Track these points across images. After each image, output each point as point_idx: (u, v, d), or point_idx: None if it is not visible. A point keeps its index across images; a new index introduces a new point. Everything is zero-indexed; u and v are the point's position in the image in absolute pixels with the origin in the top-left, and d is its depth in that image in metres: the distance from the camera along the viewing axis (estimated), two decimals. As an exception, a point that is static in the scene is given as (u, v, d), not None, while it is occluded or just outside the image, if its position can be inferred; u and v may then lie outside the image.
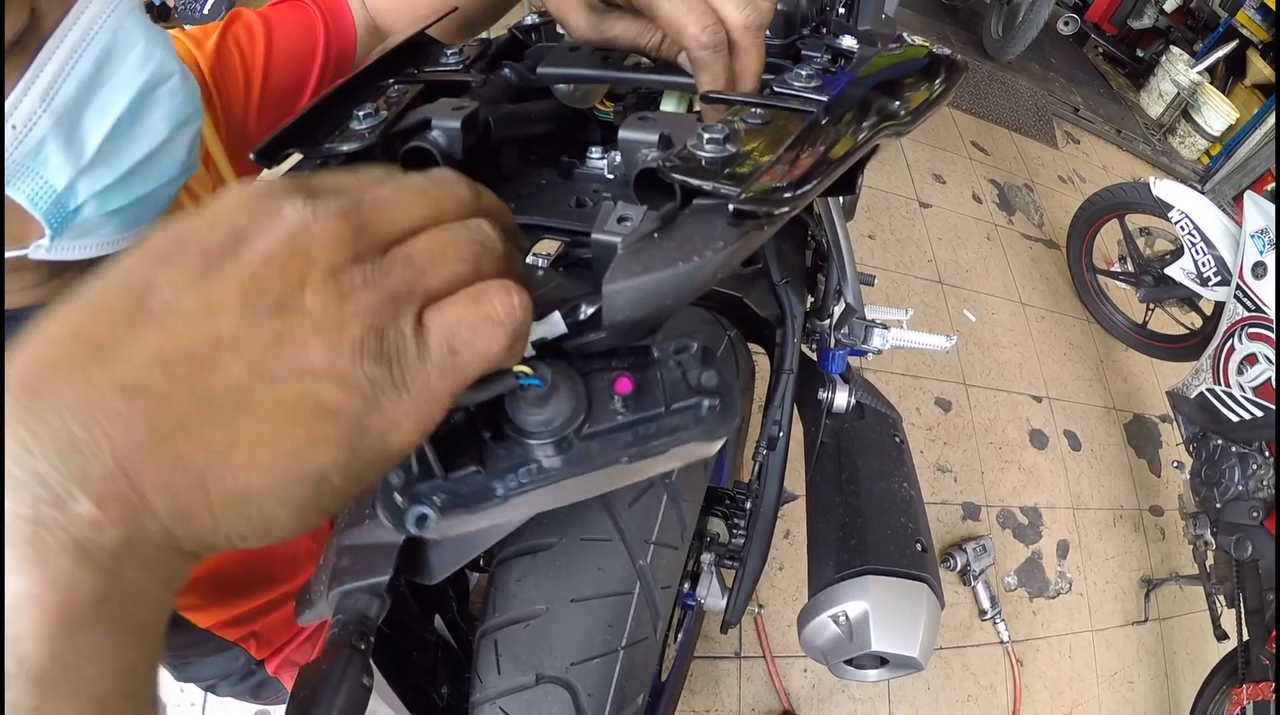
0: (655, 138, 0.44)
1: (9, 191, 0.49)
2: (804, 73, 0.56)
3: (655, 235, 0.37)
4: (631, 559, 0.71)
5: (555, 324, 0.37)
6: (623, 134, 0.46)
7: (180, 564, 0.28)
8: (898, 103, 0.53)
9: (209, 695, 1.56)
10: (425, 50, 0.67)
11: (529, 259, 0.51)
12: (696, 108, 0.65)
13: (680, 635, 1.42)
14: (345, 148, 0.48)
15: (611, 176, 0.56)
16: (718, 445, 0.41)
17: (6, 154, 0.48)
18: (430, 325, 0.31)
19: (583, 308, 0.38)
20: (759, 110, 0.48)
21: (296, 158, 0.50)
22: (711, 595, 1.13)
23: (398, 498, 0.38)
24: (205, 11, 3.08)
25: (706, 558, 1.13)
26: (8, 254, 0.52)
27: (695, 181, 0.39)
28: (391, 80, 0.59)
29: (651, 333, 0.39)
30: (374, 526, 0.58)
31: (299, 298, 0.28)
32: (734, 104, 0.51)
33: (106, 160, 0.54)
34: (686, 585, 1.13)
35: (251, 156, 0.48)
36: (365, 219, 0.30)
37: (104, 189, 0.54)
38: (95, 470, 0.25)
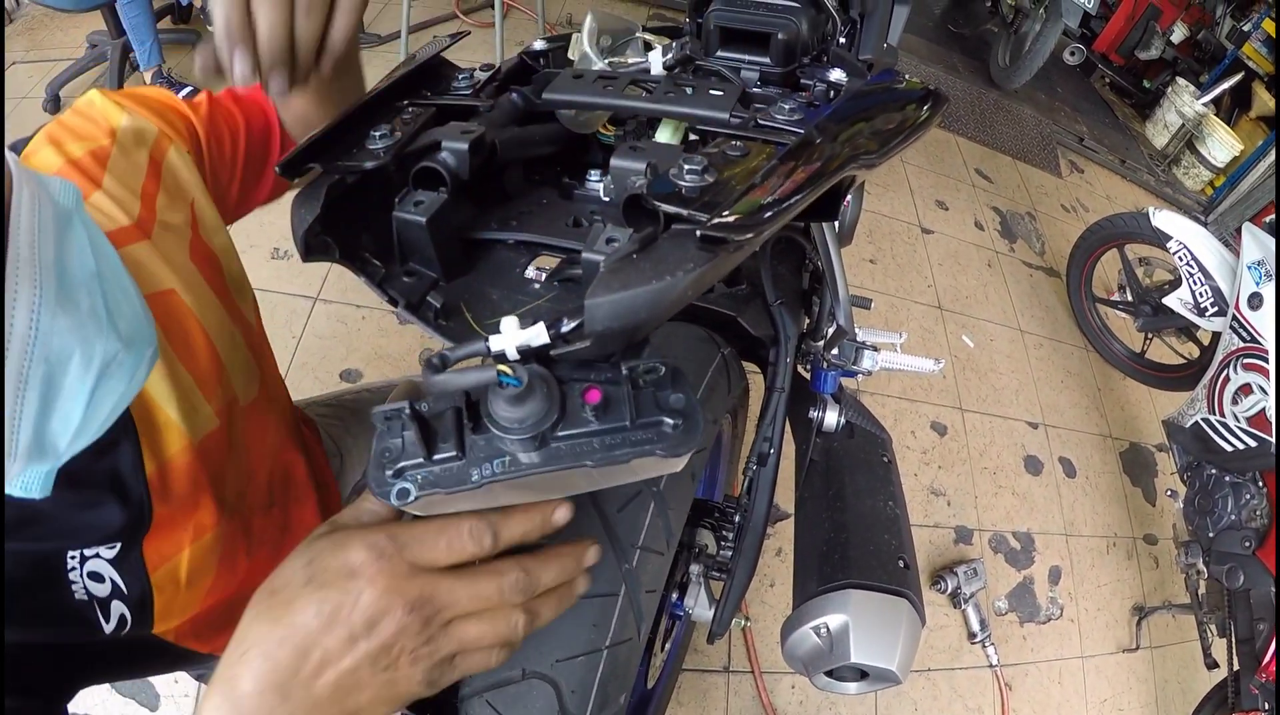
0: (643, 166, 0.48)
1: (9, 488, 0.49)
2: (787, 106, 0.60)
3: (634, 256, 0.41)
4: (618, 561, 0.74)
5: (539, 333, 0.41)
6: (614, 162, 0.50)
7: None
8: (870, 136, 0.56)
9: (201, 685, 1.59)
10: (438, 73, 0.71)
11: (529, 273, 0.54)
12: (692, 136, 0.68)
13: (669, 644, 1.44)
14: (362, 165, 0.52)
15: (607, 199, 0.59)
16: (680, 462, 0.44)
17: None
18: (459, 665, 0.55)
19: (565, 321, 0.42)
20: (738, 143, 0.51)
21: (317, 171, 0.53)
22: (699, 606, 1.16)
23: (387, 472, 0.43)
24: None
25: (695, 569, 1.16)
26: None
27: (673, 208, 0.43)
28: (406, 102, 0.63)
29: (635, 347, 0.43)
30: None
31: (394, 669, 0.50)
32: (718, 136, 0.55)
33: (79, 440, 0.52)
34: (674, 595, 1.16)
35: (276, 169, 0.52)
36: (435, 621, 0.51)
37: (81, 449, 0.53)
38: None
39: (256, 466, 0.91)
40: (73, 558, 0.67)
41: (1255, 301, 2.44)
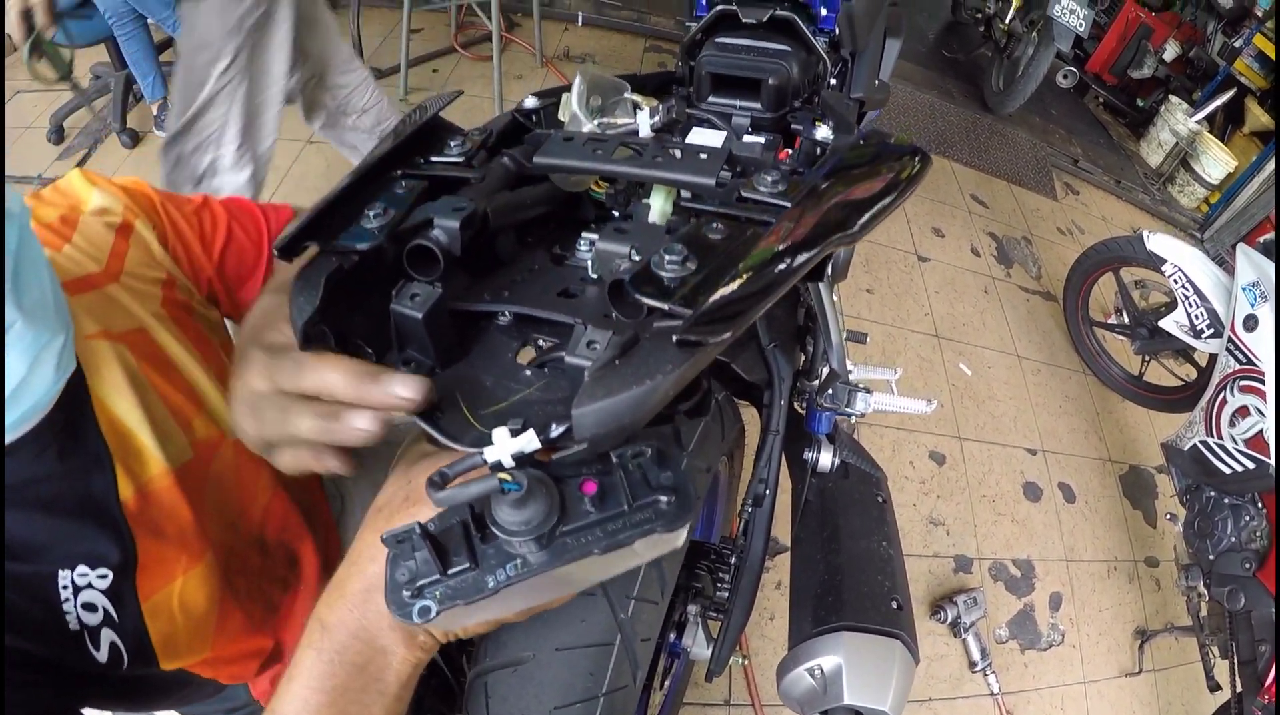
0: (627, 249, 0.50)
1: None
2: (769, 178, 0.62)
3: (616, 362, 0.43)
4: (614, 612, 0.75)
5: (530, 440, 0.43)
6: (599, 245, 0.52)
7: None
8: (851, 207, 0.58)
9: None
10: (434, 134, 0.72)
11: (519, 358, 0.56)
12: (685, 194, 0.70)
13: (668, 682, 1.45)
14: (358, 245, 0.54)
15: (595, 276, 0.61)
16: (681, 536, 0.47)
17: None
18: None
19: (553, 427, 0.44)
20: (719, 224, 0.53)
21: (314, 251, 0.55)
22: (697, 645, 1.17)
23: (405, 593, 0.45)
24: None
25: (692, 609, 1.17)
26: None
27: (654, 303, 0.45)
28: (400, 172, 0.65)
29: (625, 441, 0.45)
30: None
31: None
32: (701, 213, 0.57)
33: None
34: (672, 634, 1.17)
35: (274, 251, 0.54)
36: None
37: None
38: None
39: (248, 501, 0.95)
40: (65, 582, 0.71)
41: (1250, 323, 2.46)
